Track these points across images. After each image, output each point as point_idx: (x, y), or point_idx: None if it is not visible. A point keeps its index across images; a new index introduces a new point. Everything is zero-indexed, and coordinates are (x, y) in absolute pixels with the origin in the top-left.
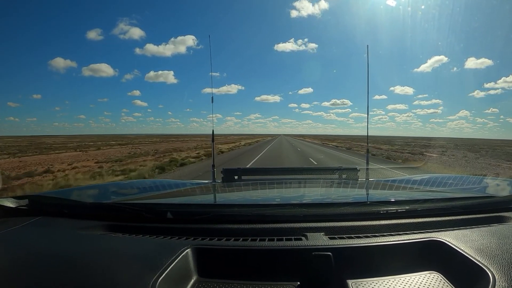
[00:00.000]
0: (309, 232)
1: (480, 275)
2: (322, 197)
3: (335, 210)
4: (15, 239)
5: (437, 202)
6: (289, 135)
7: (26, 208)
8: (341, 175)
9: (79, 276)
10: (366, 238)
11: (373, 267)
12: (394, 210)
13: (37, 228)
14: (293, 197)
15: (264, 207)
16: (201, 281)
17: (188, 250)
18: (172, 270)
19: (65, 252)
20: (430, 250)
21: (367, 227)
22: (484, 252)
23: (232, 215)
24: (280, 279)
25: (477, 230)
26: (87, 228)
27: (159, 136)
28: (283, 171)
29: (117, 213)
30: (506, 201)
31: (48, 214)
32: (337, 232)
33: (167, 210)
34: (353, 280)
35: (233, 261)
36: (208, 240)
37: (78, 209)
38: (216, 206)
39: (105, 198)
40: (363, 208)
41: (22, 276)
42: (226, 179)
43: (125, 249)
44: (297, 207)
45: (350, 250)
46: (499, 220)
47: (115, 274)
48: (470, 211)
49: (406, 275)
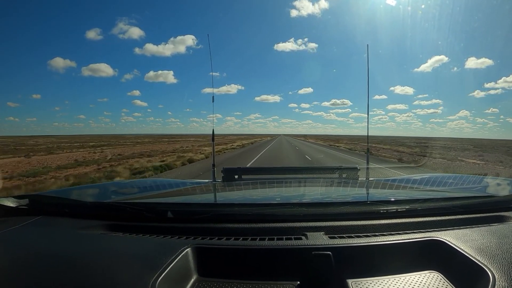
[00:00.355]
0: (309, 231)
1: (480, 275)
2: (322, 196)
3: (335, 210)
4: (15, 239)
5: (437, 201)
6: (289, 135)
7: (26, 207)
8: (341, 175)
9: (79, 275)
10: (366, 238)
11: (373, 267)
12: (394, 210)
13: (37, 228)
14: (293, 197)
15: (264, 206)
16: (201, 280)
17: (188, 249)
18: (172, 269)
19: (65, 252)
20: (430, 249)
21: (367, 226)
22: (484, 251)
23: (232, 214)
24: (280, 279)
25: (477, 229)
26: (87, 227)
27: (157, 136)
28: (283, 171)
29: (117, 212)
30: (506, 201)
31: (48, 214)
32: (337, 232)
33: (167, 210)
34: (353, 279)
35: (233, 261)
36: (208, 240)
37: (79, 209)
38: (216, 205)
39: (105, 197)
40: (363, 207)
41: (22, 275)
42: (226, 178)
43: (125, 248)
44: (297, 207)
45: (350, 250)
46: (499, 220)
47: (115, 274)
48: (470, 211)
49: (406, 274)
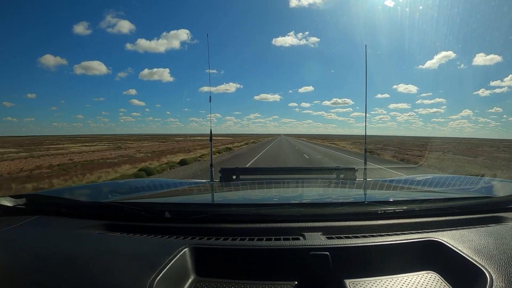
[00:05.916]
0: (306, 231)
1: (477, 275)
2: (320, 196)
3: (332, 210)
4: (13, 238)
5: (435, 202)
6: (290, 135)
7: (24, 207)
8: (339, 175)
9: (77, 275)
10: (363, 238)
11: (370, 267)
12: (392, 210)
13: (34, 227)
14: (291, 197)
15: (262, 206)
16: (199, 280)
17: (186, 249)
18: (170, 269)
19: (62, 252)
20: (427, 250)
21: (365, 227)
22: (482, 252)
23: (230, 214)
24: (278, 279)
25: (474, 230)
26: (85, 227)
27: (159, 136)
28: (281, 171)
29: (115, 212)
30: (504, 202)
31: (46, 213)
32: (334, 232)
33: (165, 210)
34: (350, 279)
35: (230, 261)
36: (206, 240)
37: (76, 208)
38: (214, 205)
39: (103, 197)
40: (361, 208)
41: (19, 275)
42: (224, 178)
43: (123, 248)
44: (294, 207)
45: (348, 250)
46: (496, 221)
47: (113, 273)
48: (468, 211)
49: (403, 275)
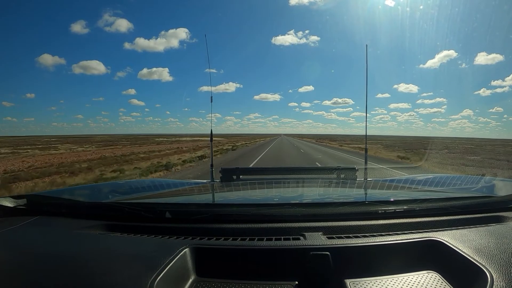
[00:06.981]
0: (307, 231)
1: (478, 275)
2: (321, 196)
3: (333, 210)
4: (13, 239)
5: (435, 202)
6: (291, 135)
7: (24, 207)
8: (339, 175)
9: (77, 276)
10: (364, 238)
11: (371, 267)
12: (392, 210)
13: (35, 228)
14: (291, 197)
15: (262, 206)
16: (199, 280)
17: (187, 249)
18: (170, 269)
19: (63, 252)
20: (428, 249)
21: (365, 226)
22: (482, 252)
23: (230, 214)
24: (278, 279)
25: (475, 230)
26: (86, 227)
27: (160, 136)
28: (281, 171)
29: (116, 212)
30: (504, 201)
31: (46, 214)
32: (335, 232)
33: (166, 210)
34: (351, 279)
35: (231, 261)
36: (206, 240)
37: (77, 209)
38: (215, 205)
39: (104, 197)
40: (361, 207)
41: (20, 276)
42: (225, 178)
43: (124, 248)
44: (295, 207)
45: (348, 250)
46: (497, 220)
47: (113, 274)
48: (468, 211)
49: (404, 274)
